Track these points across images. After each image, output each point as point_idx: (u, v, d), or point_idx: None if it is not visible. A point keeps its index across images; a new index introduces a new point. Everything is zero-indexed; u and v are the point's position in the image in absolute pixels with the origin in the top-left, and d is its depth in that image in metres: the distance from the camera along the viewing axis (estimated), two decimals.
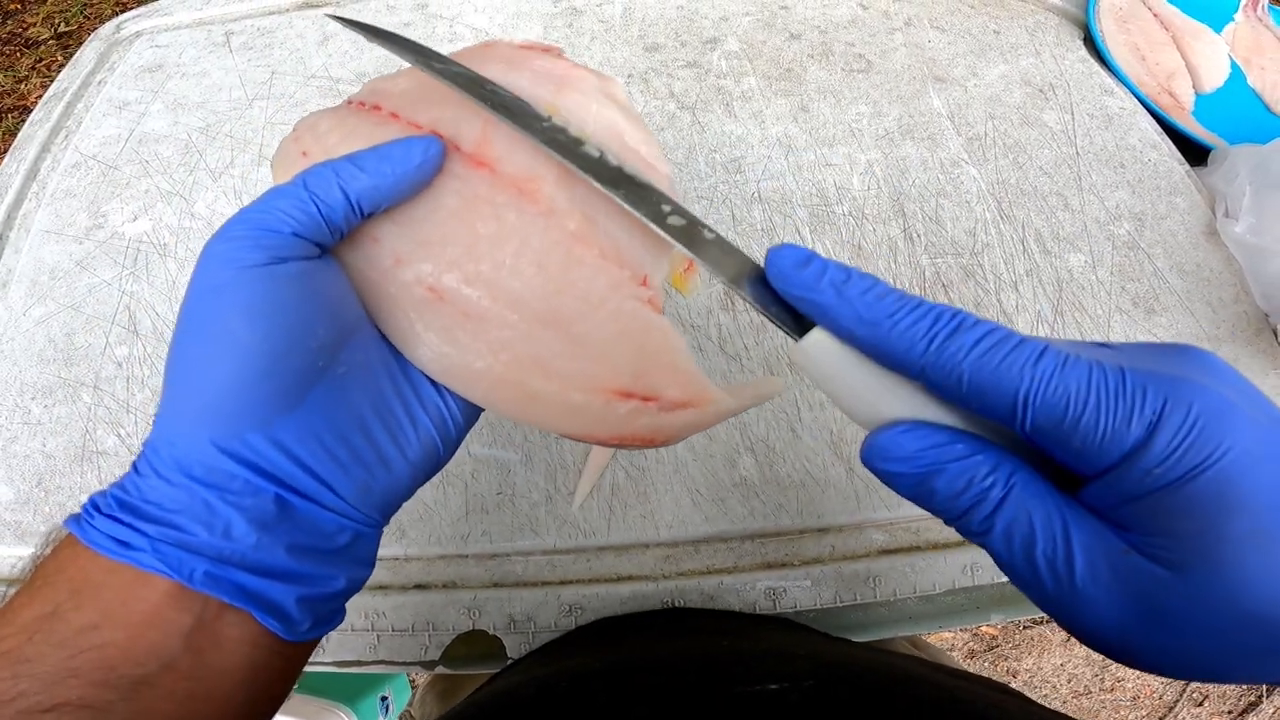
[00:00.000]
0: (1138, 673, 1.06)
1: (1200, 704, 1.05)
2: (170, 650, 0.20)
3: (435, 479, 0.40)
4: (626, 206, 0.22)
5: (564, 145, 0.23)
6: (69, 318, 0.47)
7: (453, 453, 0.25)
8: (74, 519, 0.21)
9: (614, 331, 0.23)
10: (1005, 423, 0.17)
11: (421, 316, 0.23)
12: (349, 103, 0.27)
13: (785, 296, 0.19)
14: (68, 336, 0.46)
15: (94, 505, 0.21)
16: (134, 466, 0.21)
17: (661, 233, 0.21)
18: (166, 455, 0.20)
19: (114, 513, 0.20)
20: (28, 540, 0.40)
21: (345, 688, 0.75)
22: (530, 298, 0.23)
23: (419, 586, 0.39)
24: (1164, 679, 1.05)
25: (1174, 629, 0.16)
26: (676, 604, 0.38)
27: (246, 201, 0.49)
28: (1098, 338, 0.42)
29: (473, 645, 0.38)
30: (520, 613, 0.38)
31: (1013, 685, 1.07)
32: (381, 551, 0.39)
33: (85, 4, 1.71)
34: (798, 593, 0.38)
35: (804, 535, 0.39)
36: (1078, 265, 0.45)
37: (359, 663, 0.38)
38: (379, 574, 0.39)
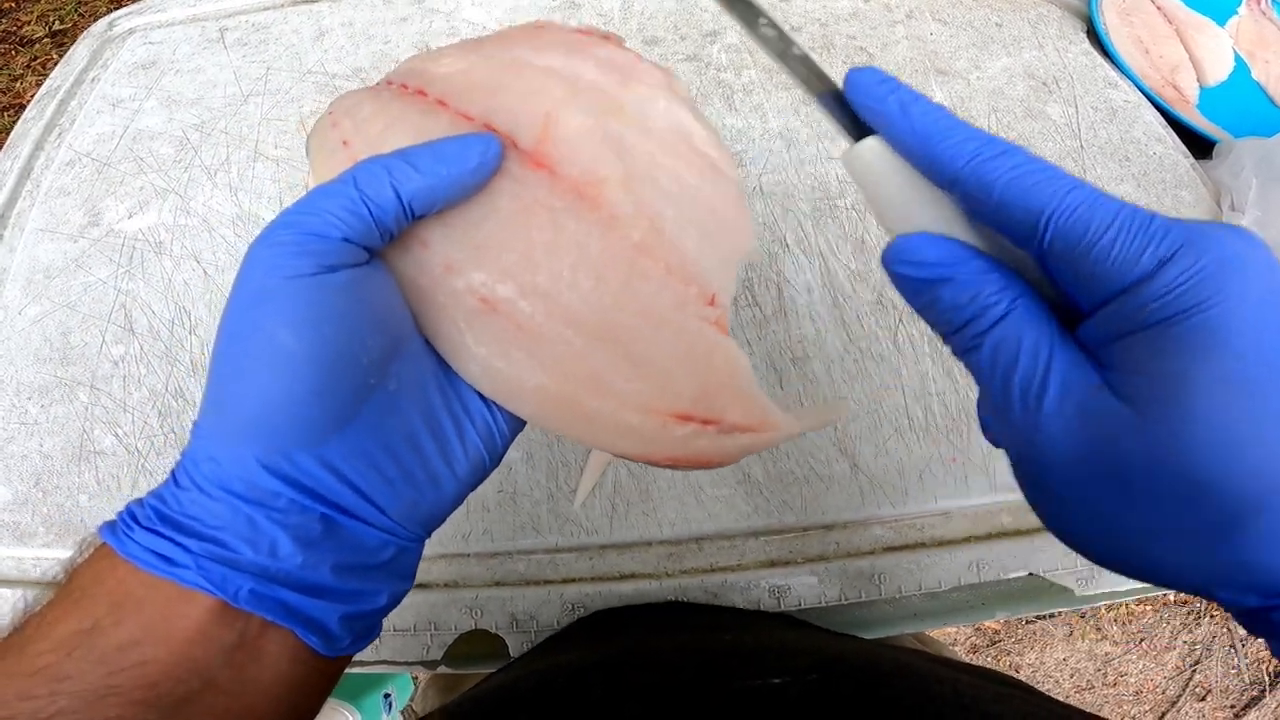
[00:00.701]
0: (1141, 667, 1.06)
1: (1203, 699, 1.05)
2: (212, 667, 0.19)
3: None
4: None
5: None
6: (65, 316, 0.46)
7: (499, 464, 0.24)
8: (109, 529, 0.20)
9: (677, 352, 0.22)
10: (1025, 242, 0.18)
11: (472, 328, 0.22)
12: (389, 83, 0.25)
13: (855, 106, 0.20)
14: (63, 335, 0.45)
15: (132, 516, 0.20)
16: (173, 477, 0.20)
17: (754, 38, 0.22)
18: (209, 470, 0.19)
19: (154, 526, 0.19)
20: (26, 541, 0.40)
21: (348, 685, 0.75)
22: (588, 313, 0.21)
23: (420, 586, 0.39)
24: (1169, 673, 1.05)
25: (1119, 482, 0.16)
26: (679, 600, 0.38)
27: (243, 198, 0.49)
28: None
29: (475, 645, 0.37)
30: (522, 611, 0.38)
31: None
32: None
33: (80, 2, 1.70)
34: (802, 590, 0.37)
35: (808, 532, 0.38)
36: None
37: (362, 663, 0.38)
38: None
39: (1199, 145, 0.49)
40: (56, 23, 1.68)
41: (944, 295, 0.18)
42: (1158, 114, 0.50)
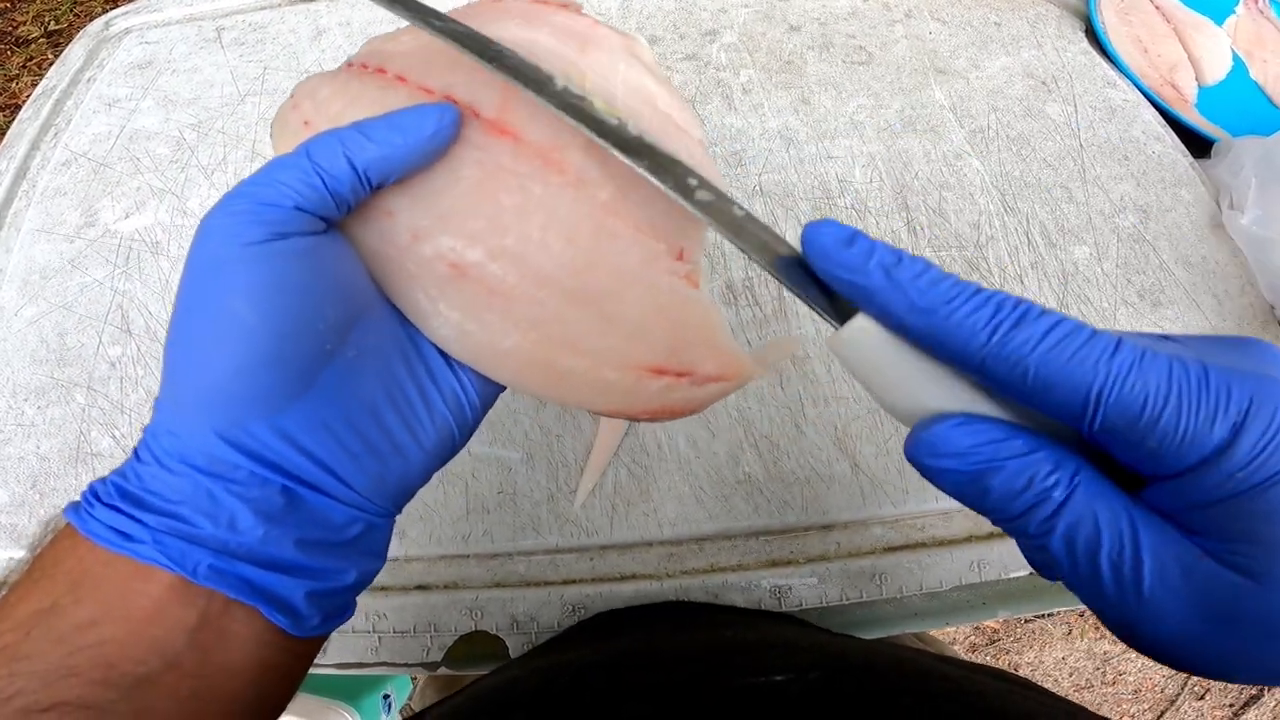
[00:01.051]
0: (1140, 666, 1.06)
1: (1202, 697, 1.05)
2: (174, 647, 0.19)
3: (435, 478, 0.39)
4: (650, 179, 0.20)
5: (580, 112, 0.21)
6: (61, 317, 0.46)
7: (468, 438, 0.24)
8: (73, 507, 0.20)
9: (649, 308, 0.22)
10: (1072, 421, 0.16)
11: (444, 294, 0.22)
12: (349, 65, 0.25)
13: (826, 278, 0.18)
14: (60, 337, 0.45)
15: (94, 493, 0.20)
16: (135, 453, 0.20)
17: (689, 207, 0.20)
18: (168, 444, 0.19)
19: (114, 502, 0.19)
20: (23, 543, 0.39)
21: (347, 686, 0.75)
22: (560, 273, 0.22)
23: (420, 587, 0.38)
24: (1167, 672, 1.05)
25: (1252, 637, 0.15)
26: (680, 600, 0.38)
27: None
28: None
29: (475, 646, 0.37)
30: (523, 613, 0.37)
31: None
32: None
33: (75, 1, 1.70)
34: (803, 590, 0.37)
35: (809, 532, 0.38)
36: (1083, 258, 0.44)
37: (361, 665, 0.37)
38: (380, 575, 0.38)
39: (1197, 144, 0.49)
40: (52, 23, 1.67)
41: (994, 486, 0.17)
42: (1156, 113, 0.50)
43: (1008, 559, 0.37)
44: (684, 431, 0.40)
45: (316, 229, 0.20)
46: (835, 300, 0.18)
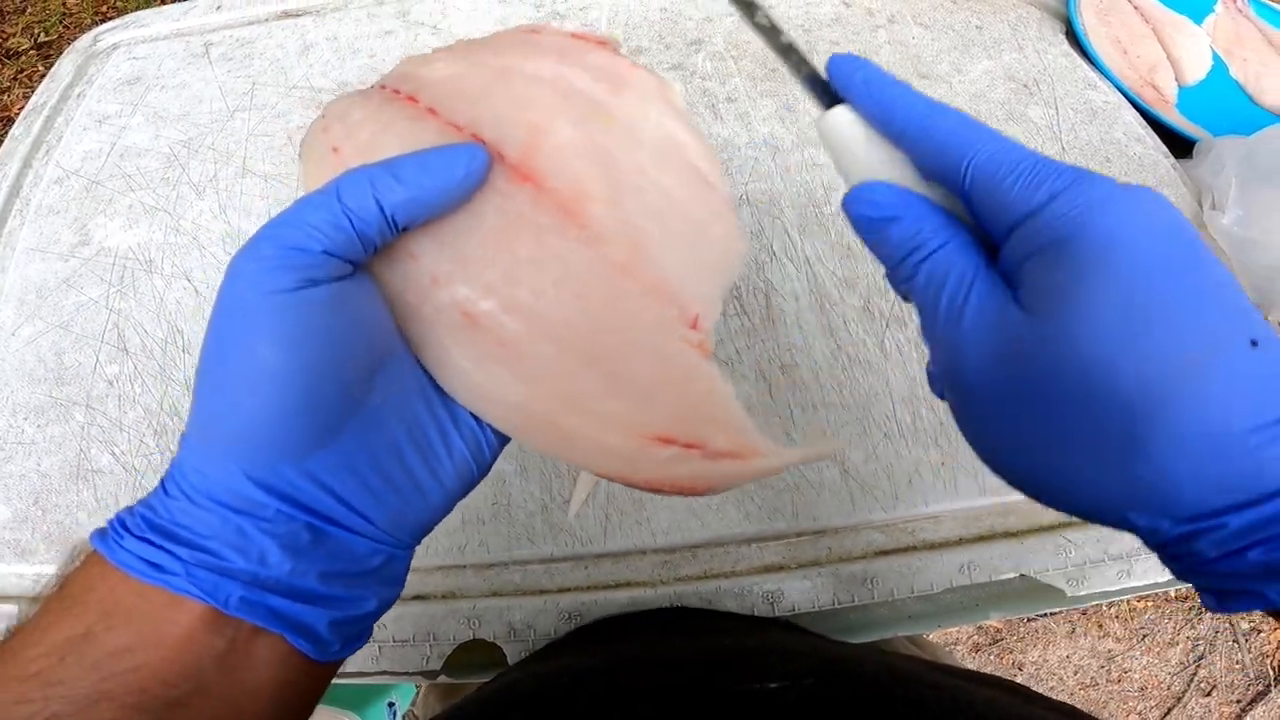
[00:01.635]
0: (1145, 664, 1.07)
1: (1209, 694, 1.05)
2: (203, 672, 0.19)
3: None
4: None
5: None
6: (58, 337, 0.46)
7: (486, 474, 0.24)
8: (100, 536, 0.20)
9: (655, 374, 0.22)
10: (954, 187, 0.21)
11: (457, 342, 0.22)
12: (383, 87, 0.25)
13: (833, 83, 0.23)
14: (57, 356, 0.46)
15: (122, 524, 0.20)
16: (162, 486, 0.20)
17: (750, 26, 0.25)
18: (197, 481, 0.20)
19: (145, 534, 0.20)
20: (28, 558, 0.40)
21: (353, 694, 0.76)
22: (569, 331, 0.21)
23: (418, 597, 0.39)
24: (1173, 669, 1.06)
25: (1026, 387, 0.19)
26: (678, 606, 0.38)
27: (232, 215, 0.49)
28: None
29: (473, 654, 0.38)
30: (520, 621, 0.38)
31: (1018, 678, 1.08)
32: None
33: (64, 14, 1.70)
34: (796, 595, 0.38)
35: (800, 538, 0.39)
36: None
37: (362, 674, 0.38)
38: None
39: (1179, 145, 0.50)
40: (41, 35, 1.67)
41: (892, 232, 0.21)
42: (1137, 114, 0.51)
43: (998, 561, 0.38)
44: None
45: (344, 273, 0.20)
46: (829, 93, 0.23)
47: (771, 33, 0.25)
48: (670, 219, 0.22)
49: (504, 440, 0.24)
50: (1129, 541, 0.38)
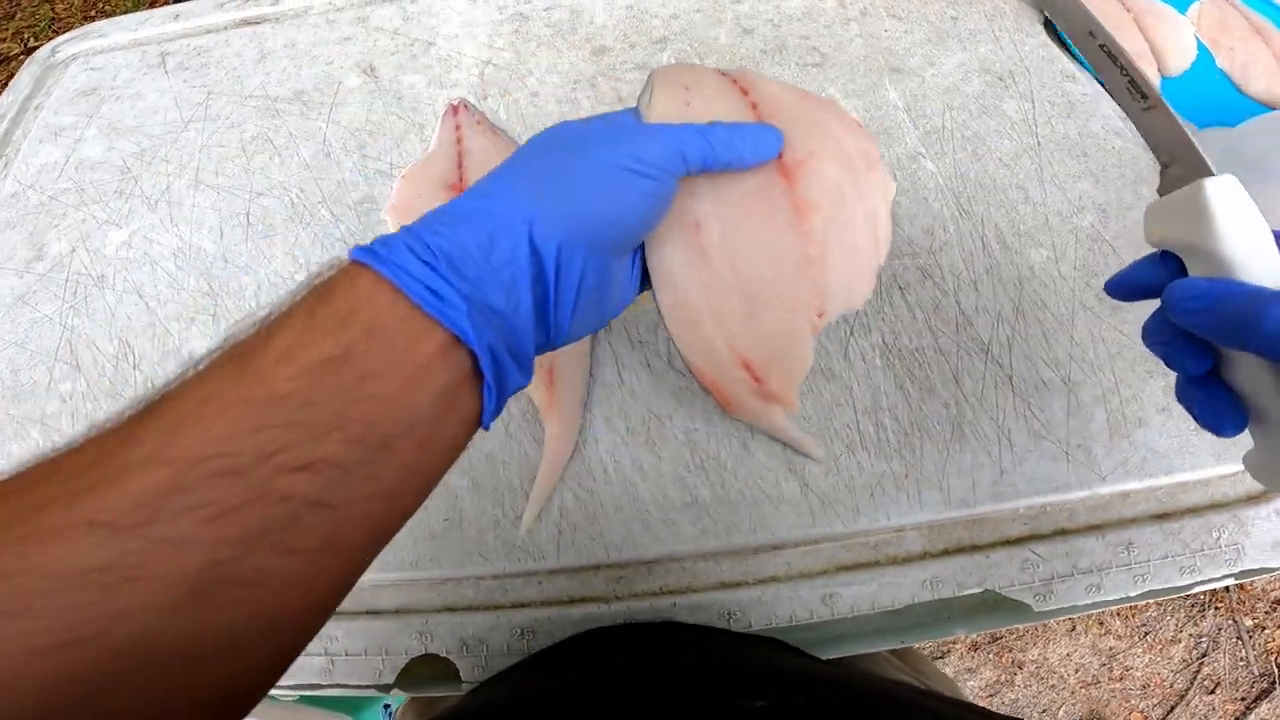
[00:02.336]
0: (1146, 661, 1.05)
1: (1212, 691, 1.04)
2: (419, 412, 0.21)
3: None
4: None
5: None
6: (14, 354, 0.46)
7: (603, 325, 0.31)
8: (369, 255, 0.21)
9: (776, 328, 0.32)
10: None
11: (679, 237, 0.31)
12: (723, 73, 0.34)
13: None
14: (13, 374, 0.45)
15: (407, 246, 0.22)
16: (424, 224, 0.23)
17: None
18: (510, 226, 0.23)
19: (427, 258, 0.22)
20: None
21: (349, 698, 0.76)
22: (748, 272, 0.31)
23: (370, 612, 0.39)
24: (1176, 666, 1.04)
25: None
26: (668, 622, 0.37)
27: (183, 229, 0.48)
28: (1061, 336, 0.41)
29: (427, 668, 0.37)
30: (472, 636, 0.37)
31: (1018, 677, 1.06)
32: None
33: (54, 19, 1.70)
34: (753, 612, 0.37)
35: (758, 553, 0.38)
36: (1039, 261, 0.43)
37: (316, 686, 0.38)
38: None
39: None
40: (31, 39, 1.67)
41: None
42: (1117, 106, 0.49)
43: (962, 576, 0.37)
44: (629, 455, 0.40)
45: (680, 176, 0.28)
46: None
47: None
48: (850, 255, 0.32)
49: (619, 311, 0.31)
50: (1099, 555, 0.37)
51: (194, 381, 0.19)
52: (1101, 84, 0.47)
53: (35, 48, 1.66)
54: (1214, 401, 0.25)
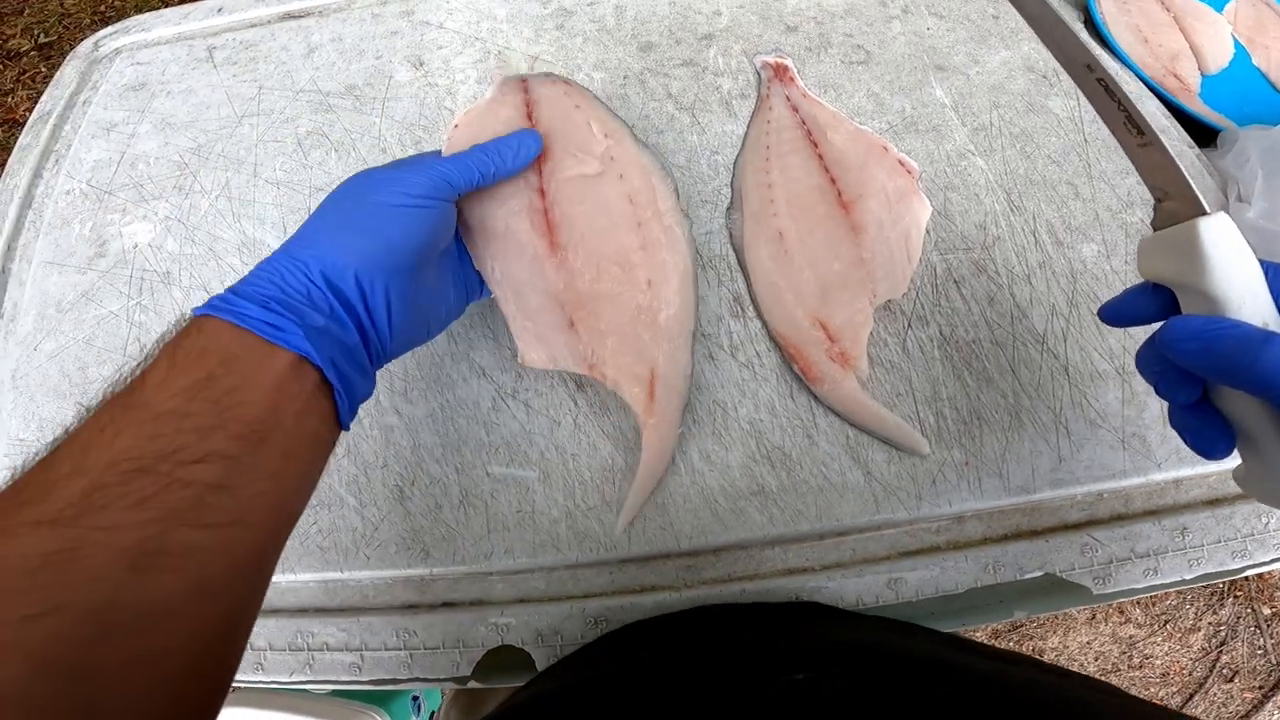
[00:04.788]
0: (1166, 650, 1.07)
1: (1230, 680, 1.05)
2: (284, 414, 0.26)
3: (455, 500, 0.40)
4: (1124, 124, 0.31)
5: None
6: (80, 351, 0.46)
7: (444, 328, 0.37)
8: (213, 309, 0.27)
9: (844, 300, 0.41)
10: None
11: (770, 241, 0.44)
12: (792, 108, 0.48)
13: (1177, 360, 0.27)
14: (81, 370, 0.46)
15: (237, 294, 0.28)
16: (243, 282, 0.29)
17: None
18: (314, 268, 0.29)
19: (266, 303, 0.27)
20: None
21: (378, 692, 0.76)
22: (820, 269, 0.42)
23: (446, 605, 0.39)
24: (1195, 655, 1.06)
25: None
26: (701, 606, 0.38)
27: (246, 224, 0.49)
28: (1114, 328, 0.42)
29: (503, 659, 0.38)
30: (546, 627, 0.38)
31: None
32: (408, 571, 0.39)
33: (63, 14, 1.68)
34: (819, 598, 0.38)
35: (824, 540, 0.39)
36: (1091, 255, 0.44)
37: (395, 680, 0.38)
38: (408, 593, 0.39)
39: (1203, 134, 0.49)
40: (42, 35, 1.66)
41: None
42: (1160, 104, 0.50)
43: (1023, 560, 0.38)
44: (697, 446, 0.41)
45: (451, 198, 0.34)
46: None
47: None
48: (889, 260, 0.42)
49: (461, 310, 0.39)
50: (1155, 539, 0.38)
51: (89, 420, 0.24)
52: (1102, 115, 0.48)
53: (46, 44, 1.65)
54: (1204, 428, 0.27)
